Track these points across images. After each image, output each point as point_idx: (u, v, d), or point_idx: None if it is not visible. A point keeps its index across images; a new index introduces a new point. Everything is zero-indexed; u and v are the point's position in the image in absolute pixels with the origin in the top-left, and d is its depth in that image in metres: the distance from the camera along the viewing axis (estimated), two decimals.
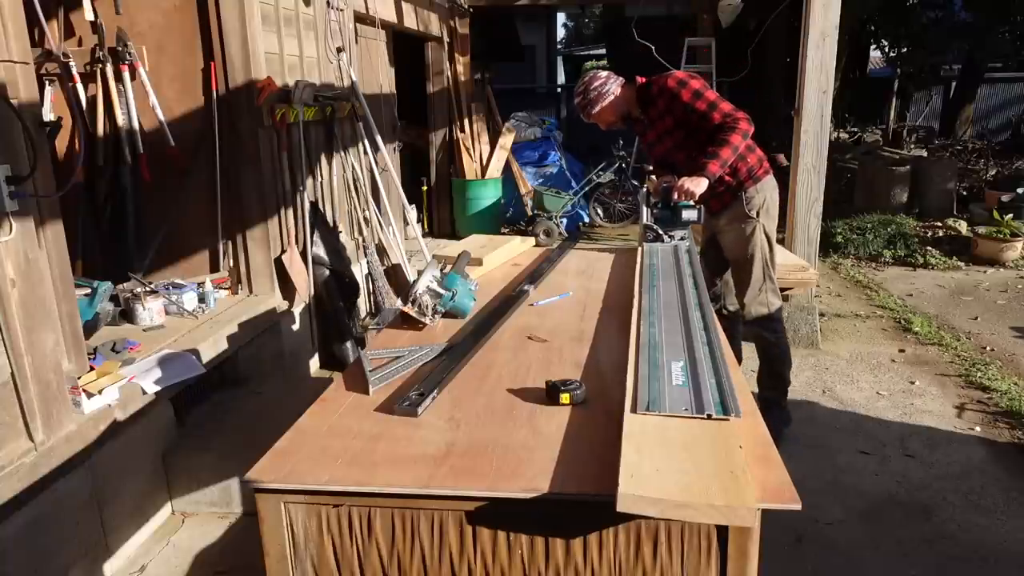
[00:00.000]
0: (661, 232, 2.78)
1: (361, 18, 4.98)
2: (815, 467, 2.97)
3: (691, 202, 2.74)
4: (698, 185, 2.71)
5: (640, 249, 2.70)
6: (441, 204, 7.73)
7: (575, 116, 12.60)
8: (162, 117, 3.42)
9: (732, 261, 3.15)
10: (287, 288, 3.77)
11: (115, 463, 2.44)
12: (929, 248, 6.60)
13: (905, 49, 11.35)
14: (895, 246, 6.67)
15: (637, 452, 1.23)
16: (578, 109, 2.97)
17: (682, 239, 2.79)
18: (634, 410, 1.39)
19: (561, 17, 21.51)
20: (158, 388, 2.61)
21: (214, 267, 3.68)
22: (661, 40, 7.09)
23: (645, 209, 2.90)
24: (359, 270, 4.58)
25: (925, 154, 9.40)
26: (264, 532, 1.29)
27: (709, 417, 1.36)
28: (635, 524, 1.20)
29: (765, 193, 2.99)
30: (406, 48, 6.80)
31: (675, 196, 2.75)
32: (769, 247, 3.04)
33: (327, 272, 3.98)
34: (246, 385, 3.35)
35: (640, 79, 2.98)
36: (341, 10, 4.40)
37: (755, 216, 2.97)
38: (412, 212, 5.73)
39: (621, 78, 2.96)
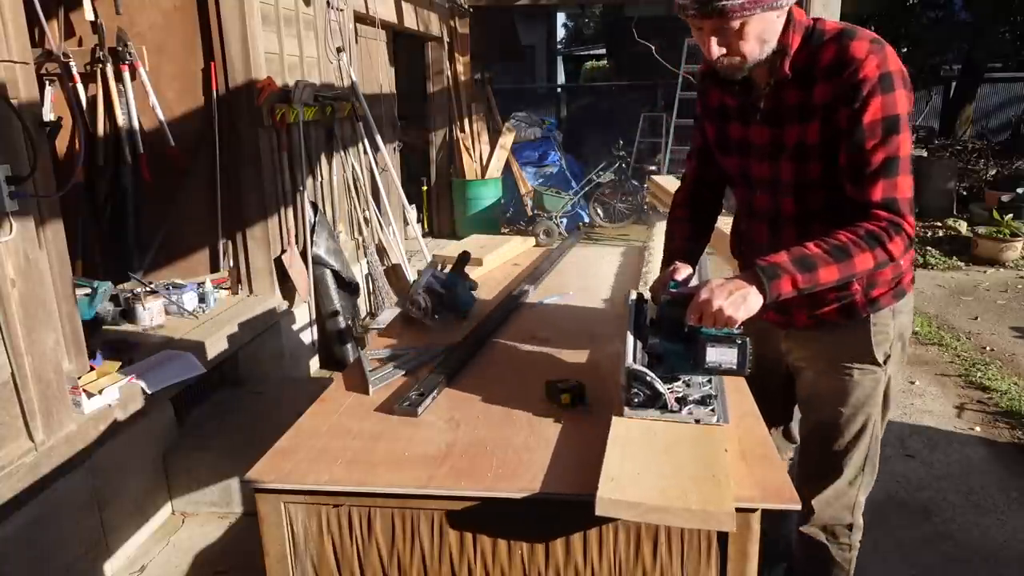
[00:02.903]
0: (662, 390, 1.38)
1: (361, 18, 4.98)
2: None
3: (730, 330, 1.38)
4: (744, 303, 1.36)
5: (616, 422, 1.37)
6: (441, 204, 7.73)
7: (575, 116, 12.71)
8: (162, 117, 3.42)
9: (815, 425, 1.77)
10: (287, 288, 3.78)
11: (115, 463, 2.44)
12: (929, 248, 6.60)
13: (905, 49, 11.34)
14: None
15: (620, 456, 1.24)
16: None
17: (703, 402, 1.41)
18: (621, 413, 1.39)
19: (561, 17, 21.51)
20: (158, 387, 2.61)
21: (214, 267, 3.68)
22: (661, 40, 7.09)
23: (632, 340, 1.49)
24: (359, 270, 4.58)
25: (925, 154, 9.40)
26: (264, 532, 1.29)
27: (697, 422, 1.36)
28: (635, 524, 1.19)
29: (907, 315, 1.69)
30: (406, 48, 6.80)
31: (692, 317, 1.39)
32: (885, 410, 1.73)
33: (327, 272, 3.98)
34: (246, 385, 3.35)
35: (800, 14, 1.49)
36: (341, 10, 4.40)
37: (882, 362, 1.65)
38: (412, 212, 5.73)
39: None
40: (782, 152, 1.54)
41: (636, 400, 1.39)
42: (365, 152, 4.62)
